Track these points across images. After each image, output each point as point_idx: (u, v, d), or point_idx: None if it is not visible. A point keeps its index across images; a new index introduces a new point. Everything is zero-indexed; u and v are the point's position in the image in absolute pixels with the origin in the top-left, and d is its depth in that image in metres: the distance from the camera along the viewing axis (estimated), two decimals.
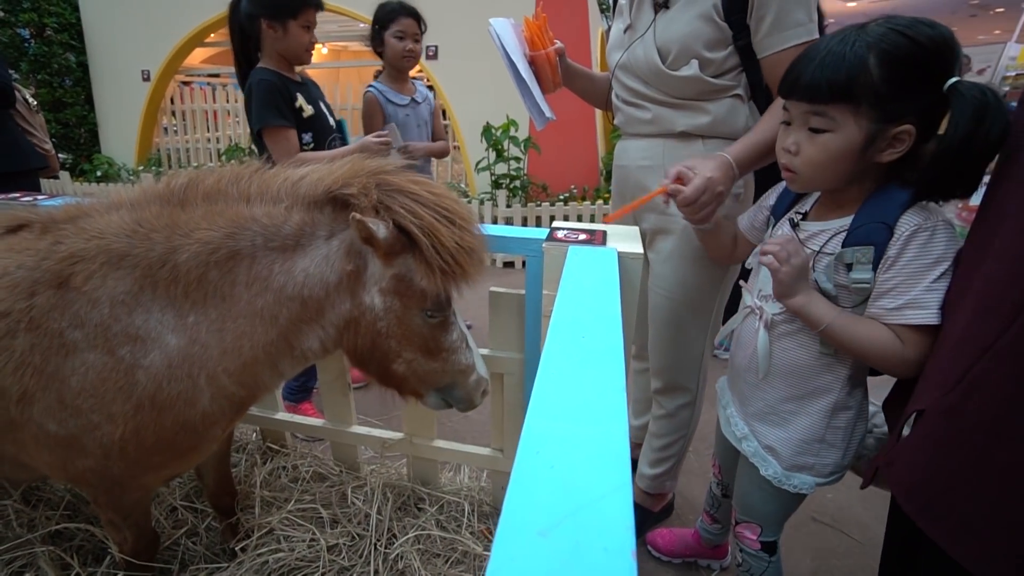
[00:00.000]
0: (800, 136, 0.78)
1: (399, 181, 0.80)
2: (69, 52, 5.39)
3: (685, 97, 1.12)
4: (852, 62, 0.70)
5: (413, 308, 0.82)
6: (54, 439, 0.82)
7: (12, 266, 0.80)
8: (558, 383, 0.47)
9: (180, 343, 0.81)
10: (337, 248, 0.81)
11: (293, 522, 1.16)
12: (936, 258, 0.72)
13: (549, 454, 0.38)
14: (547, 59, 1.21)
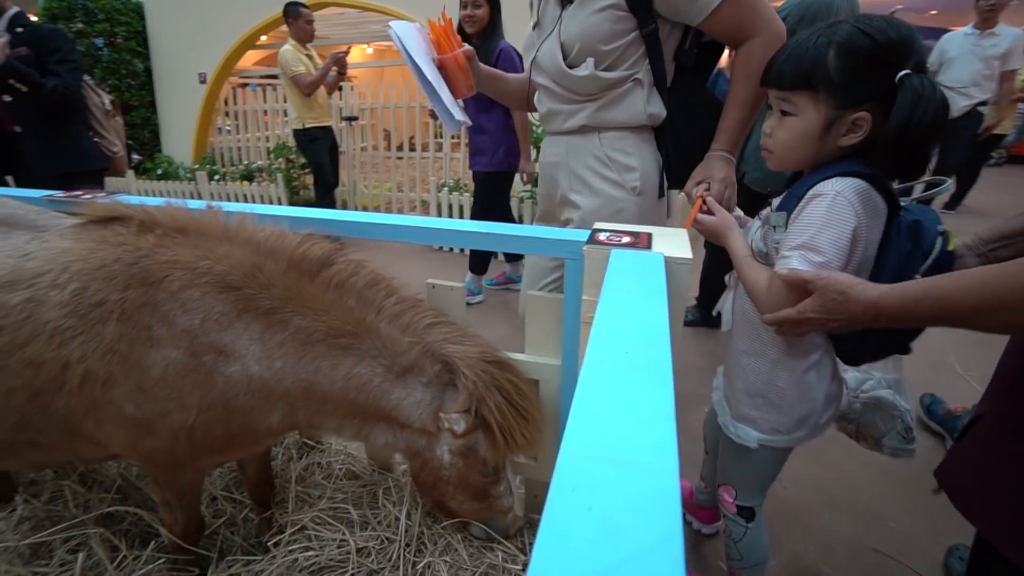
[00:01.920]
0: (774, 120, 0.88)
1: (503, 379, 0.91)
2: (136, 58, 5.72)
3: (585, 93, 1.13)
4: (813, 54, 0.80)
5: (474, 469, 0.95)
6: (130, 420, 0.88)
7: (110, 259, 0.87)
8: (599, 407, 0.42)
9: (263, 374, 0.89)
10: (429, 402, 0.92)
11: (324, 521, 1.16)
12: (819, 219, 0.79)
13: (586, 492, 0.33)
14: (456, 62, 1.15)
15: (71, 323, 0.85)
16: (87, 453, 1.01)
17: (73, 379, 0.87)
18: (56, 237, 0.93)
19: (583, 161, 1.19)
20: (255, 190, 5.09)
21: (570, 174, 1.22)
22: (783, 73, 0.84)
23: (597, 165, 1.17)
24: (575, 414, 0.41)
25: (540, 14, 1.18)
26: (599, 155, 1.17)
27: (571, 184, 1.22)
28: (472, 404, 0.89)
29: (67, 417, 0.91)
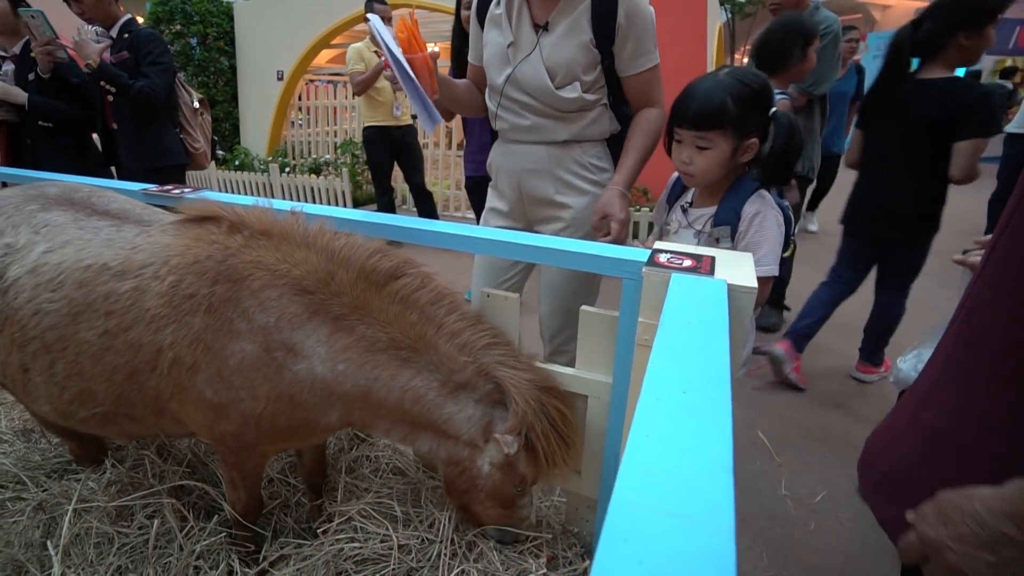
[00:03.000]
0: (691, 152, 1.13)
1: (550, 406, 0.95)
2: (223, 56, 6.14)
3: (567, 111, 1.30)
4: (718, 103, 1.07)
5: (509, 483, 0.99)
6: (208, 404, 0.95)
7: (203, 255, 0.95)
8: (654, 451, 0.42)
9: (325, 375, 0.94)
10: (479, 418, 0.96)
11: (370, 515, 1.20)
12: (766, 235, 1.09)
13: (638, 545, 0.33)
14: (424, 63, 1.16)
15: (167, 312, 0.93)
16: (170, 429, 1.11)
17: (164, 363, 0.95)
18: (159, 232, 1.02)
19: (568, 168, 1.37)
20: (321, 183, 5.33)
21: (555, 180, 1.39)
22: (701, 118, 1.09)
23: (580, 170, 1.38)
24: (629, 456, 0.41)
25: (515, 35, 1.29)
26: (582, 162, 1.38)
27: (556, 188, 1.39)
28: (522, 428, 0.93)
29: (157, 396, 1.00)
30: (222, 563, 1.14)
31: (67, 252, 1.01)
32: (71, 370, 0.99)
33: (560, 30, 1.24)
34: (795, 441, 2.03)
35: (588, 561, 1.14)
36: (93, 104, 2.48)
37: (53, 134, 2.46)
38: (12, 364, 1.04)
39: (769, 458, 1.92)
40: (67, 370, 1.00)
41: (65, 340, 0.98)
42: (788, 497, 1.73)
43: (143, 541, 1.13)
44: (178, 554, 1.12)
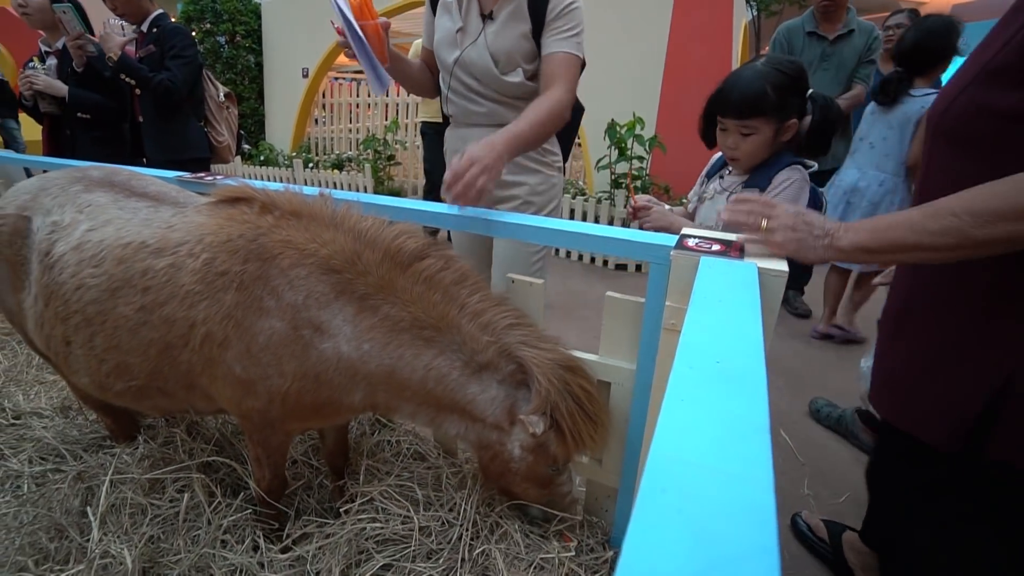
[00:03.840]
0: (736, 138, 1.21)
1: (575, 385, 0.94)
2: (250, 54, 6.27)
3: (514, 96, 1.37)
4: (759, 91, 1.14)
5: (542, 463, 0.99)
6: (237, 379, 0.98)
7: (235, 234, 0.97)
8: (689, 412, 0.42)
9: (351, 354, 0.96)
10: (502, 399, 0.96)
11: (391, 496, 1.22)
12: (790, 199, 1.15)
13: (676, 495, 0.33)
14: (375, 31, 1.20)
15: (200, 288, 0.96)
16: (199, 404, 1.14)
17: (196, 338, 0.98)
18: (193, 212, 1.05)
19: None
20: (344, 178, 5.41)
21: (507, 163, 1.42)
22: (743, 108, 1.16)
23: (531, 152, 1.43)
24: (665, 416, 0.41)
25: (464, 20, 1.36)
26: None
27: (509, 169, 1.42)
28: (546, 408, 0.92)
29: (188, 371, 1.02)
30: (247, 538, 1.16)
31: (108, 230, 1.05)
32: (109, 343, 1.03)
33: (501, 19, 1.31)
34: (818, 440, 2.00)
35: (611, 550, 1.14)
36: (124, 96, 2.54)
37: (90, 125, 2.54)
38: (56, 337, 1.08)
39: (792, 458, 1.89)
40: (105, 343, 1.03)
41: (105, 314, 1.01)
42: (811, 496, 1.70)
43: (174, 513, 1.16)
44: (206, 527, 1.15)
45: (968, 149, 0.74)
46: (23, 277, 1.12)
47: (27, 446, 1.48)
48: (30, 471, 1.38)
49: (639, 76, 3.87)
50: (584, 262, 3.93)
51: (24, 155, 2.61)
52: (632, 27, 3.97)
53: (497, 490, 1.12)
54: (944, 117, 0.78)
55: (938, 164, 0.80)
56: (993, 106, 0.70)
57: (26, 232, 1.11)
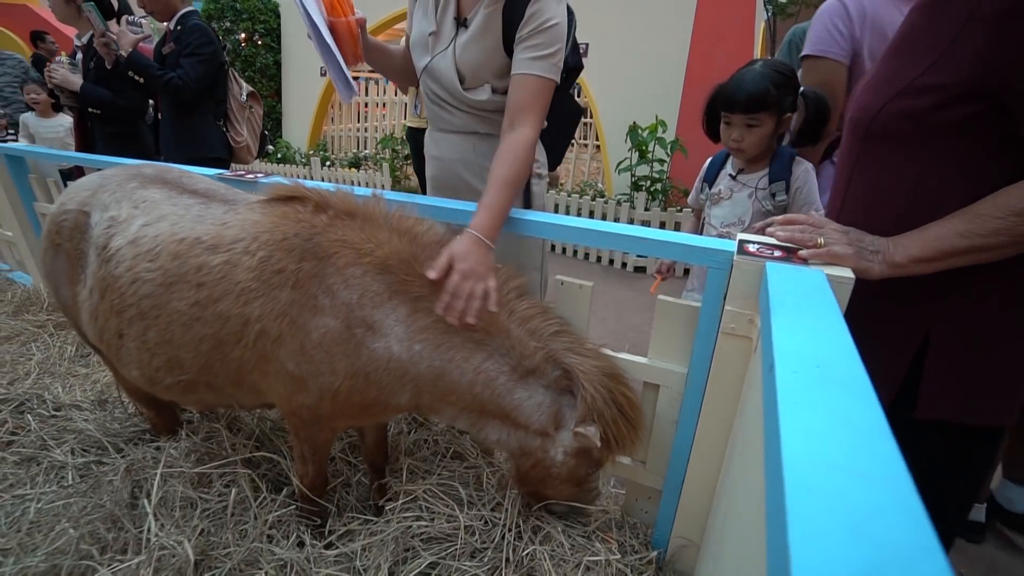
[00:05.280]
0: (741, 131, 1.35)
1: (618, 393, 0.96)
2: (269, 52, 6.31)
3: (483, 109, 1.25)
4: (763, 89, 1.30)
5: (583, 466, 1.01)
6: (289, 376, 0.99)
7: (291, 233, 0.98)
8: (809, 415, 0.42)
9: (402, 354, 0.97)
10: (548, 405, 0.98)
11: (436, 494, 1.23)
12: (815, 185, 1.36)
13: (824, 496, 0.34)
14: (348, 28, 1.12)
15: (255, 285, 0.97)
16: (244, 399, 1.15)
17: (250, 334, 0.99)
18: (246, 210, 1.06)
19: (491, 157, 1.19)
20: (361, 176, 5.44)
21: (482, 169, 1.30)
22: (752, 103, 1.31)
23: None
24: (787, 419, 0.42)
25: (439, 24, 1.23)
26: None
27: (483, 176, 1.26)
28: (591, 415, 0.94)
29: (239, 367, 1.04)
30: (293, 534, 1.18)
31: (163, 226, 1.06)
32: (162, 337, 1.04)
33: (474, 28, 1.18)
34: None
35: (654, 551, 1.14)
36: (145, 94, 2.52)
37: (105, 121, 2.54)
38: (110, 329, 1.10)
39: None
40: (158, 337, 1.05)
41: (159, 308, 1.03)
42: None
43: (222, 507, 1.18)
44: (253, 522, 1.17)
45: (896, 147, 0.87)
46: (80, 270, 1.14)
47: (69, 437, 1.50)
48: (74, 462, 1.41)
49: (661, 79, 3.87)
50: (603, 263, 3.93)
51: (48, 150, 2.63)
52: (654, 30, 3.97)
53: (528, 493, 1.14)
54: (874, 123, 0.89)
55: (866, 160, 0.93)
56: (920, 114, 0.82)
57: (85, 227, 1.12)
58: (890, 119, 0.86)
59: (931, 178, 0.84)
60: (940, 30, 0.79)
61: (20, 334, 2.20)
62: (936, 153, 0.82)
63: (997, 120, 0.75)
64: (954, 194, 0.80)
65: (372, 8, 5.53)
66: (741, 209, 1.42)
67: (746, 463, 0.69)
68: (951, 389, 0.86)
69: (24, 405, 1.66)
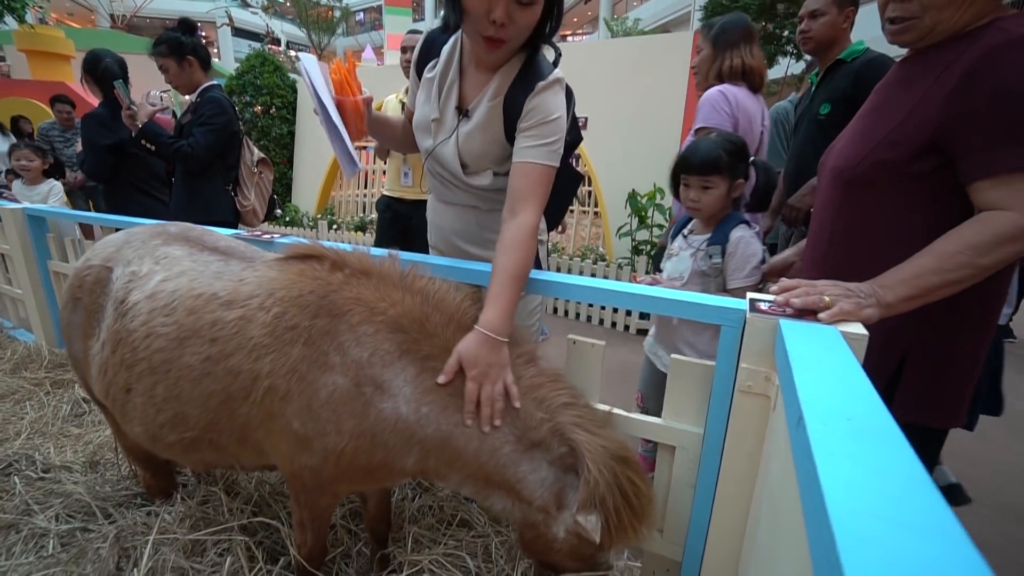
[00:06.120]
0: (698, 192, 1.47)
1: (624, 478, 0.92)
2: (283, 123, 6.67)
3: (485, 190, 1.27)
4: (716, 155, 1.43)
5: (585, 547, 0.95)
6: (294, 435, 0.96)
7: (306, 290, 0.99)
8: (848, 467, 0.42)
9: (409, 416, 0.95)
10: (551, 482, 0.95)
11: (443, 565, 1.16)
12: (749, 254, 1.43)
13: (879, 548, 0.33)
14: (355, 106, 1.16)
15: (268, 341, 0.97)
16: (246, 460, 1.11)
17: (259, 391, 0.97)
18: (264, 267, 1.08)
19: (496, 229, 1.21)
20: (367, 240, 5.56)
21: (484, 240, 1.35)
22: (705, 166, 1.44)
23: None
24: (825, 470, 0.41)
25: (441, 112, 1.24)
26: None
27: (485, 247, 1.35)
28: (593, 502, 0.90)
29: (245, 424, 1.01)
30: None
31: (181, 281, 1.08)
32: (170, 393, 1.03)
33: (476, 120, 1.18)
34: None
35: None
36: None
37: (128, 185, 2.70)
38: (118, 383, 1.08)
39: None
40: (166, 392, 1.03)
41: (170, 363, 1.02)
42: None
43: None
44: None
45: (875, 191, 1.03)
46: (96, 324, 1.14)
47: (55, 502, 1.44)
48: (56, 529, 1.34)
49: (657, 148, 4.06)
50: (605, 326, 3.94)
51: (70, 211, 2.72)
52: (650, 103, 4.23)
53: (534, 562, 1.08)
54: (855, 171, 1.05)
55: (849, 203, 1.08)
56: (893, 163, 0.98)
57: (107, 281, 1.14)
58: (870, 167, 1.02)
59: (903, 217, 1.00)
60: (903, 100, 1.00)
61: (16, 392, 2.16)
62: (908, 196, 0.99)
63: (951, 170, 0.92)
64: (921, 230, 0.95)
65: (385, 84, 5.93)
66: (683, 266, 1.54)
67: (776, 523, 0.66)
68: (920, 399, 1.03)
69: (12, 466, 1.60)
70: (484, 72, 1.17)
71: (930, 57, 0.97)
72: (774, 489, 0.72)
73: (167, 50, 2.34)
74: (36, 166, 3.43)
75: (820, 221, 1.18)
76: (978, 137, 0.87)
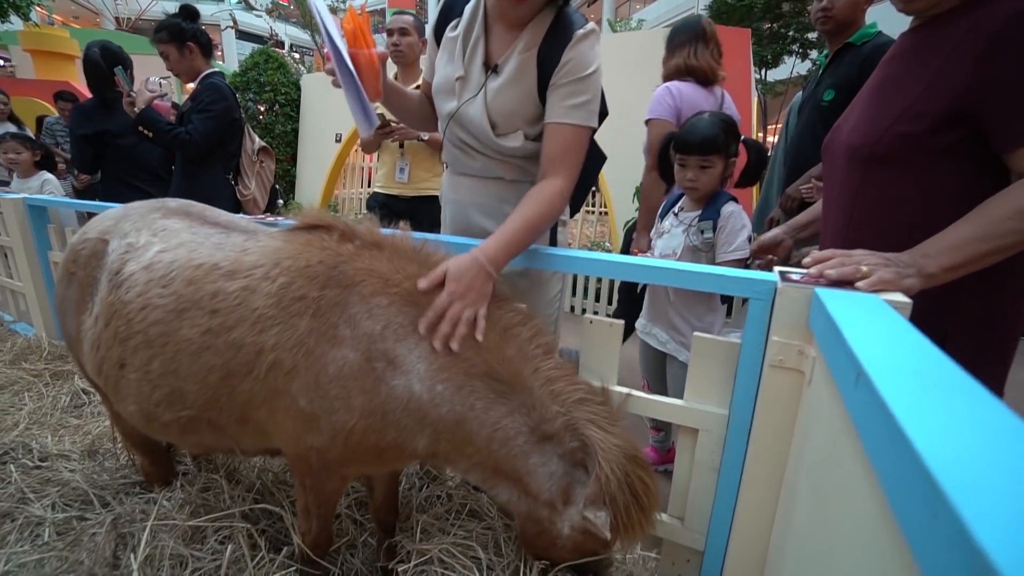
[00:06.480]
0: (695, 172, 1.51)
1: (635, 477, 0.89)
2: (287, 121, 6.65)
3: (513, 156, 1.22)
4: (714, 135, 1.47)
5: (590, 544, 0.92)
6: (299, 413, 0.91)
7: (314, 260, 0.94)
8: (935, 419, 0.37)
9: (422, 394, 0.90)
10: (560, 476, 0.91)
11: (453, 554, 1.11)
12: (740, 227, 1.47)
13: (1001, 493, 0.28)
14: (369, 60, 1.04)
15: (273, 312, 0.91)
16: (247, 442, 1.06)
17: (263, 365, 0.92)
18: (268, 238, 1.04)
19: (513, 204, 1.20)
20: None
21: (503, 216, 1.23)
22: (706, 146, 1.47)
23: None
24: (911, 424, 0.36)
25: (466, 69, 1.18)
26: None
27: (500, 221, 1.26)
28: (603, 498, 0.86)
29: (246, 402, 0.96)
30: None
31: (180, 252, 1.02)
32: (167, 368, 0.98)
33: (507, 75, 1.13)
34: None
35: None
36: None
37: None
38: (111, 359, 1.03)
39: None
40: (163, 368, 0.98)
41: (167, 336, 0.97)
42: None
43: (214, 567, 1.06)
44: None
45: (900, 165, 0.98)
46: (89, 298, 1.10)
47: (52, 490, 1.39)
48: (52, 517, 1.29)
49: None
50: None
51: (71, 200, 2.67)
52: None
53: (535, 557, 1.03)
54: (876, 147, 0.99)
55: (871, 180, 1.03)
56: (917, 136, 0.94)
57: (102, 254, 1.10)
58: (893, 141, 0.97)
59: (935, 190, 0.94)
60: (921, 70, 0.95)
61: (15, 383, 2.12)
62: (936, 169, 0.94)
63: (981, 141, 0.88)
64: (952, 207, 0.89)
65: None
66: (675, 242, 1.57)
67: (823, 498, 0.61)
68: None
69: (8, 455, 1.56)
70: (511, 28, 1.13)
71: (942, 26, 0.93)
72: (816, 466, 0.67)
73: (167, 36, 2.29)
74: (25, 158, 3.18)
75: (839, 206, 1.10)
76: (1017, 102, 0.83)
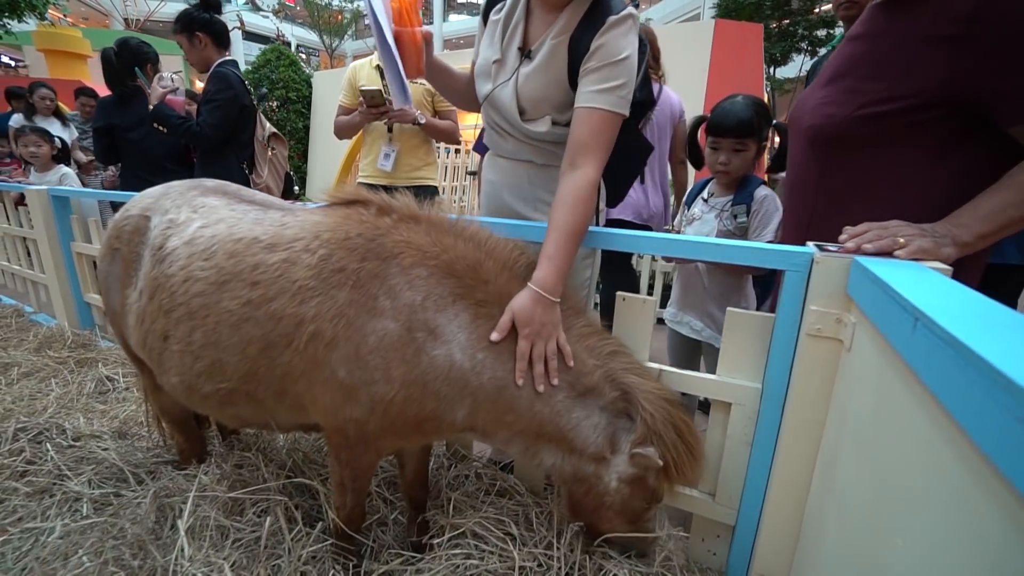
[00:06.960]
0: (728, 154, 1.49)
1: (677, 418, 0.92)
2: (299, 118, 6.70)
3: (542, 141, 1.22)
4: (749, 117, 1.45)
5: (638, 497, 0.95)
6: (339, 384, 0.92)
7: (354, 232, 0.96)
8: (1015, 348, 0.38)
9: (464, 363, 0.92)
10: (604, 427, 0.94)
11: (487, 528, 1.12)
12: (774, 211, 1.46)
13: None
14: (412, 38, 1.07)
15: (314, 284, 0.93)
16: (283, 416, 1.08)
17: (303, 336, 0.93)
18: (306, 212, 1.06)
19: (548, 187, 1.24)
20: None
21: (534, 199, 1.30)
22: (742, 128, 1.46)
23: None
24: (993, 355, 0.37)
25: (503, 52, 1.20)
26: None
27: (535, 206, 1.31)
28: (651, 438, 0.89)
29: (285, 374, 0.98)
30: (329, 572, 1.07)
31: (220, 227, 1.05)
32: (208, 339, 1.00)
33: (539, 60, 1.14)
34: None
35: None
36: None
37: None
38: (155, 331, 1.06)
39: None
40: (204, 339, 1.00)
41: (208, 308, 0.99)
42: None
43: (254, 538, 1.08)
44: (287, 557, 1.07)
45: (872, 148, 0.95)
46: (133, 273, 1.12)
47: (87, 468, 1.42)
48: (90, 493, 1.32)
49: None
50: None
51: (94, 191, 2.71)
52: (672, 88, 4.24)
53: (587, 525, 1.06)
54: (846, 129, 0.95)
55: (836, 164, 0.99)
56: (889, 117, 0.90)
57: (145, 230, 1.12)
58: (862, 124, 0.93)
59: (914, 171, 0.92)
60: (893, 52, 0.90)
61: (40, 370, 2.16)
62: (905, 147, 0.92)
63: (961, 119, 0.86)
64: (948, 187, 0.89)
65: None
66: (708, 228, 1.55)
67: (868, 461, 0.62)
68: None
69: (42, 434, 1.59)
70: (551, 11, 1.14)
71: (913, 7, 0.88)
72: (862, 425, 0.68)
73: (179, 27, 2.31)
74: (45, 152, 3.22)
75: (797, 189, 1.07)
76: (1014, 79, 0.80)
